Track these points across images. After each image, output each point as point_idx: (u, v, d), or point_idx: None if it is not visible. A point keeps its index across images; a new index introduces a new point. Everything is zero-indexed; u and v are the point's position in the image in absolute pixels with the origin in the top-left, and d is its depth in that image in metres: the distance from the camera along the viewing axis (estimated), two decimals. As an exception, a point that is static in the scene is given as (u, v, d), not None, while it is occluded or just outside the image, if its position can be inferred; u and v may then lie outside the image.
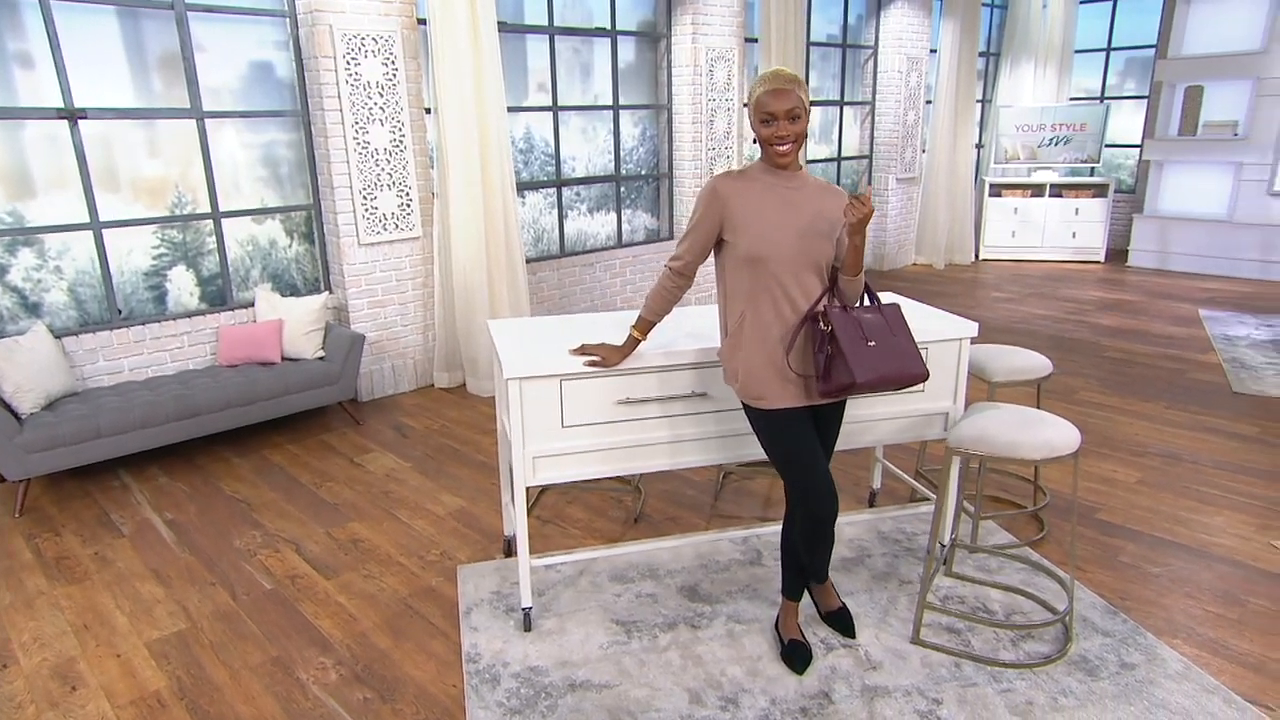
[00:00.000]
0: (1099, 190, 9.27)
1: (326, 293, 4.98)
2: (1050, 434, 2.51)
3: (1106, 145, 9.51)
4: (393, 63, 4.92)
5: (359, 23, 4.76)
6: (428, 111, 5.21)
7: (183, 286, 4.80)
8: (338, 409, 5.02)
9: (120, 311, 4.53)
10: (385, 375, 5.33)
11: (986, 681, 2.51)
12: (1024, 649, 2.66)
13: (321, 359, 4.74)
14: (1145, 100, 9.98)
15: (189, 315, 4.68)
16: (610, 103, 6.61)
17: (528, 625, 2.82)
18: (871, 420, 2.93)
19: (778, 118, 2.28)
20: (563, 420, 2.66)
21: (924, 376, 2.42)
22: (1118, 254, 9.58)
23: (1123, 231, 9.78)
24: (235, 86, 4.82)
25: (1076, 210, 9.33)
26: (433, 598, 3.06)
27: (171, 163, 4.67)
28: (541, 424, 2.64)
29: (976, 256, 9.78)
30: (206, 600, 3.07)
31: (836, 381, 2.35)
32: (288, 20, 4.84)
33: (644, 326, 2.64)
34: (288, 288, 5.14)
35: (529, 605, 2.81)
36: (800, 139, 2.35)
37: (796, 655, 2.61)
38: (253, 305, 4.85)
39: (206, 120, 4.65)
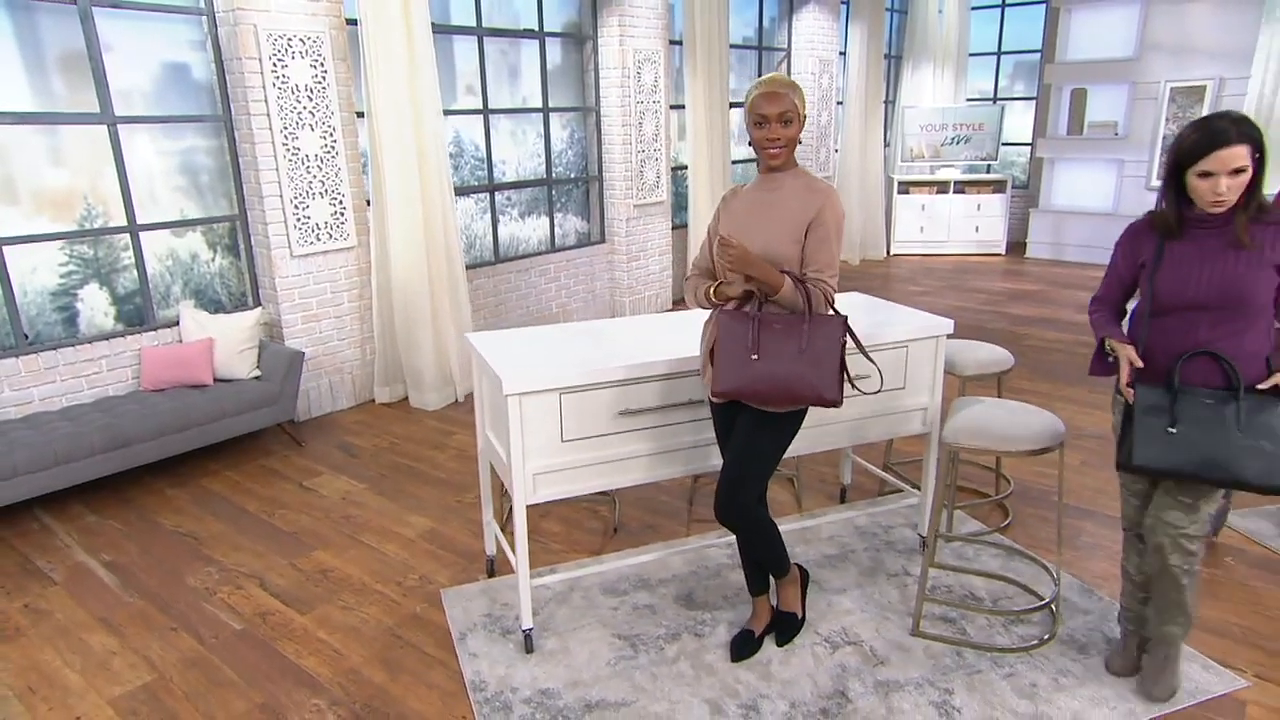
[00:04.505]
0: (998, 186, 9.80)
1: (260, 308, 4.69)
2: (1039, 425, 2.62)
3: (1002, 144, 10.05)
4: (322, 65, 4.68)
5: (285, 23, 4.50)
6: (359, 115, 4.99)
7: (96, 306, 4.42)
8: (276, 431, 4.73)
9: (26, 336, 4.13)
10: (323, 393, 5.07)
11: (989, 667, 2.60)
12: (1017, 633, 2.77)
13: (258, 378, 4.46)
14: (1033, 101, 10.62)
15: (107, 338, 4.31)
16: (540, 105, 6.51)
17: (529, 647, 2.73)
18: (852, 420, 2.98)
19: (770, 120, 2.30)
20: (562, 434, 2.59)
21: (822, 400, 2.28)
22: (1017, 246, 10.14)
23: (1020, 225, 10.36)
24: (147, 89, 4.47)
25: (978, 206, 9.83)
26: (420, 625, 2.92)
27: (79, 172, 4.29)
28: (541, 440, 2.56)
29: (888, 251, 10.16)
30: (169, 648, 2.84)
31: (713, 385, 2.37)
32: (204, 19, 4.53)
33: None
34: (212, 304, 4.81)
35: (530, 626, 2.72)
36: (791, 143, 2.37)
37: (732, 641, 2.72)
38: (177, 324, 4.52)
39: (119, 126, 4.30)
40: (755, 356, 2.27)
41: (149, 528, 3.70)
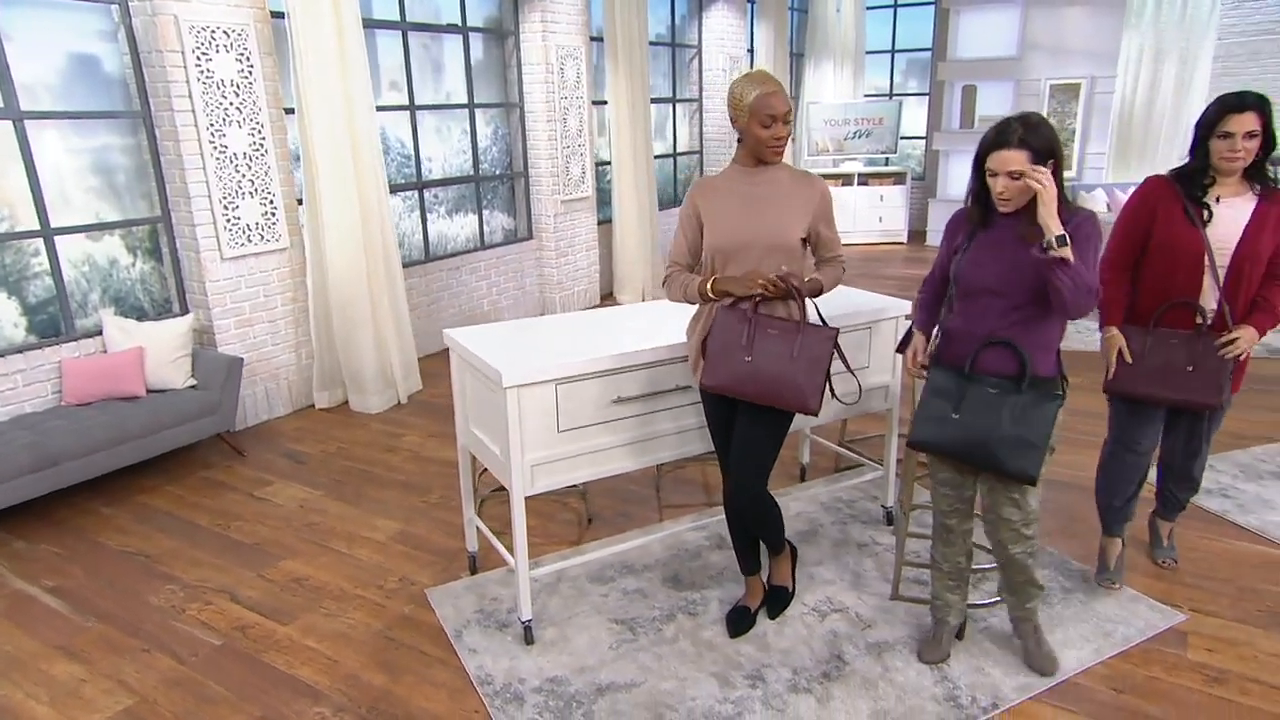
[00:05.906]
0: (898, 178, 10.31)
1: (190, 314, 4.47)
2: (1002, 395, 2.83)
3: (900, 138, 10.58)
4: (248, 58, 4.49)
5: (207, 13, 4.30)
6: (289, 112, 4.81)
7: (5, 317, 4.11)
8: (213, 442, 4.52)
9: (-71, 352, 3.81)
10: (259, 400, 4.87)
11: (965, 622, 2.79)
12: (984, 589, 2.98)
13: (194, 387, 4.25)
14: (926, 97, 11.21)
15: (21, 350, 4.01)
16: (465, 101, 6.43)
17: (529, 638, 2.75)
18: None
19: (779, 119, 2.36)
20: (558, 425, 2.62)
21: (805, 408, 2.37)
22: (917, 234, 10.70)
23: (920, 214, 10.92)
24: (52, 82, 4.18)
25: (881, 197, 10.32)
26: (412, 626, 2.89)
27: (-22, 172, 3.98)
28: (538, 431, 2.58)
29: (799, 243, 10.51)
30: (146, 669, 2.70)
31: (704, 378, 2.44)
32: (114, 8, 4.26)
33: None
34: (134, 311, 4.54)
35: (529, 618, 2.74)
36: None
37: (729, 618, 2.80)
38: (100, 334, 4.24)
39: (26, 122, 4.00)
40: (749, 359, 2.35)
41: (91, 549, 3.48)
